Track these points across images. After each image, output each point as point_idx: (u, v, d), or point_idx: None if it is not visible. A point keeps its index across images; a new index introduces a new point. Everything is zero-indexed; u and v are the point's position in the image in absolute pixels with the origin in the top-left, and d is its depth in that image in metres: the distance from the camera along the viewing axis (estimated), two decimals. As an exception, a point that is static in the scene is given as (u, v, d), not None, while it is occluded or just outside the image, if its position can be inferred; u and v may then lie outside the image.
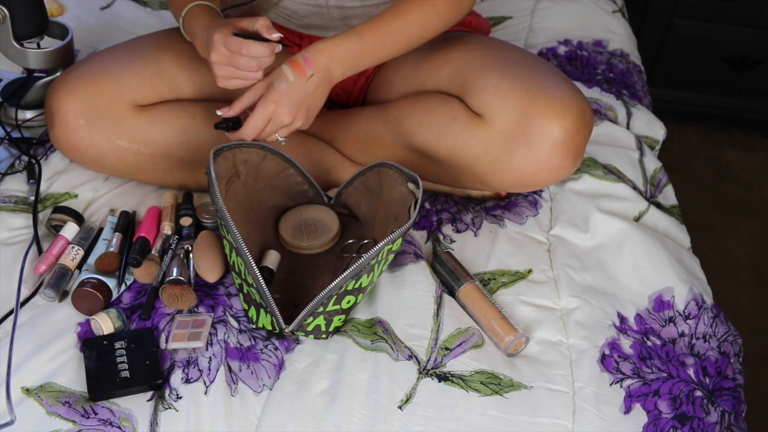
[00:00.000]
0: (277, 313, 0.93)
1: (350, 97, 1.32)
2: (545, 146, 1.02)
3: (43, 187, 1.15)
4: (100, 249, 1.06)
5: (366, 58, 1.05)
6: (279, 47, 1.00)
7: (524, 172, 1.05)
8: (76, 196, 1.15)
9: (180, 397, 0.89)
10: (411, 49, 1.09)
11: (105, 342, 0.94)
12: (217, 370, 0.91)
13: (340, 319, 0.97)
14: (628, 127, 1.35)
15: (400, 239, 0.95)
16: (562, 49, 1.55)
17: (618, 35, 1.62)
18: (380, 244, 0.91)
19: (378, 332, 0.95)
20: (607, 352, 0.97)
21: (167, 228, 1.07)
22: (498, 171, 1.06)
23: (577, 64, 1.51)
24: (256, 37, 1.00)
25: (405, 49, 1.08)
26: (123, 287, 1.02)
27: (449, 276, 1.03)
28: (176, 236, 1.07)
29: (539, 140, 1.02)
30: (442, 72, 1.14)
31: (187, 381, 0.90)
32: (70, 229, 1.07)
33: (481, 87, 1.06)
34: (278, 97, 1.00)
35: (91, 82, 1.08)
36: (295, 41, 1.26)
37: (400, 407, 0.89)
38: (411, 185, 1.00)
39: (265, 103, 1.01)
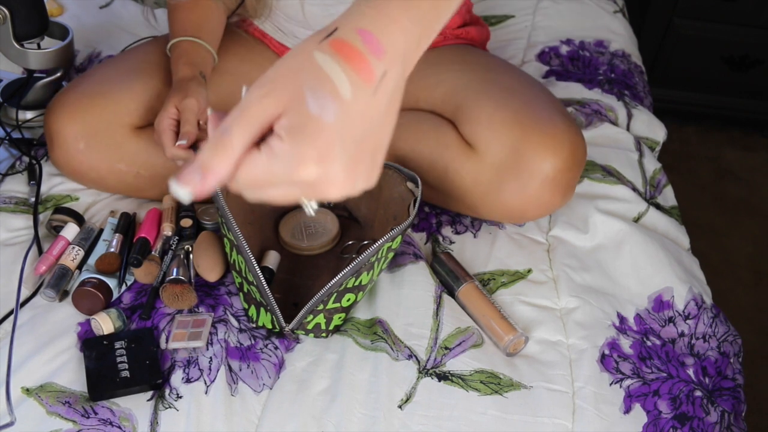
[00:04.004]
0: (278, 310, 0.93)
1: None
2: (535, 183, 1.02)
3: (43, 189, 1.15)
4: (100, 250, 1.06)
5: (434, 24, 0.58)
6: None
7: (513, 208, 1.05)
8: (77, 198, 1.15)
9: (180, 397, 0.89)
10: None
11: (105, 342, 0.94)
12: (218, 370, 0.91)
13: (340, 318, 0.97)
14: (628, 128, 1.35)
15: (400, 237, 0.95)
16: (564, 49, 1.55)
17: (619, 35, 1.62)
18: (380, 241, 0.91)
19: (378, 332, 0.95)
20: (606, 352, 0.97)
21: (167, 229, 1.08)
22: (487, 204, 1.06)
23: (578, 64, 1.51)
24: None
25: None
26: (123, 287, 1.02)
27: (449, 276, 1.03)
28: (176, 237, 1.07)
29: (529, 177, 1.01)
30: (436, 92, 1.12)
31: (188, 380, 0.90)
32: (71, 230, 1.07)
33: (474, 117, 1.05)
34: (320, 143, 0.48)
35: (89, 106, 1.08)
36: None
37: (400, 407, 0.89)
38: (410, 184, 1.01)
39: (287, 160, 0.48)
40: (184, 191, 0.48)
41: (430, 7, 0.52)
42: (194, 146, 1.02)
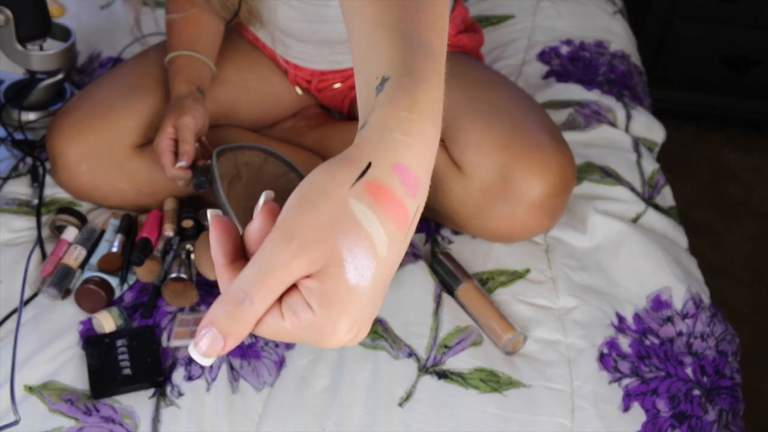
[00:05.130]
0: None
1: (342, 110, 1.31)
2: (522, 208, 1.02)
3: (47, 194, 1.15)
4: (102, 250, 1.06)
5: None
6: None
7: (500, 230, 1.05)
8: (80, 205, 1.15)
9: (182, 394, 0.89)
10: None
11: (107, 340, 0.94)
12: (219, 368, 0.91)
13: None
14: (627, 129, 1.35)
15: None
16: (564, 49, 1.55)
17: (619, 36, 1.63)
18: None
19: (378, 331, 0.96)
20: (605, 351, 0.98)
21: (169, 230, 1.08)
22: (474, 225, 1.07)
23: (578, 64, 1.52)
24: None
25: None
26: (125, 286, 1.03)
27: (448, 276, 1.04)
28: (178, 237, 1.07)
29: (516, 202, 1.01)
30: None
31: (189, 378, 0.91)
32: (73, 233, 1.08)
33: (463, 139, 1.04)
34: (355, 312, 0.43)
35: (90, 127, 1.09)
36: (280, 64, 1.24)
37: (400, 405, 0.90)
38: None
39: (316, 331, 0.43)
40: (206, 360, 0.42)
41: (441, 93, 0.48)
42: (194, 165, 1.03)
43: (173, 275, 0.99)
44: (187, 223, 1.08)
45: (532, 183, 1.00)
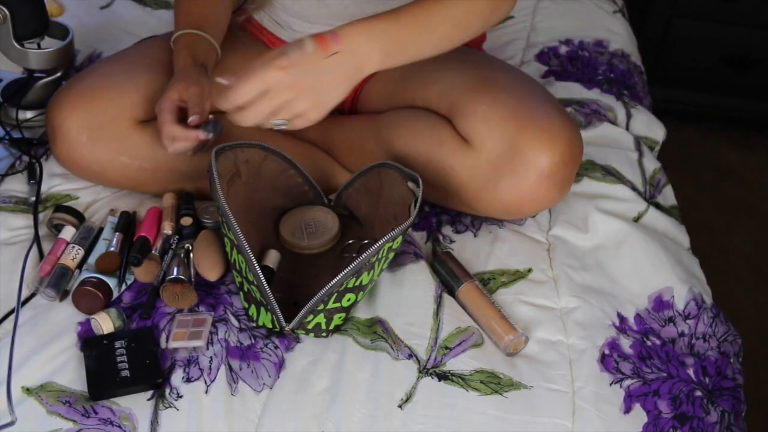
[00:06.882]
0: (278, 310, 0.93)
1: (344, 105, 1.30)
2: (531, 178, 1.01)
3: (43, 188, 1.15)
4: (100, 249, 1.06)
5: (408, 44, 0.96)
6: (203, 135, 0.99)
7: (509, 203, 1.05)
8: (77, 198, 1.15)
9: (181, 396, 0.89)
10: (446, 49, 1.01)
11: (105, 341, 0.94)
12: (218, 369, 0.91)
13: (340, 317, 0.97)
14: (627, 128, 1.35)
15: (401, 237, 0.95)
16: (563, 49, 1.55)
17: (619, 35, 1.63)
18: (381, 241, 0.91)
19: (378, 331, 0.95)
20: (606, 351, 0.97)
21: (167, 228, 1.08)
22: (483, 199, 1.06)
23: (578, 64, 1.51)
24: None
25: (444, 42, 1.00)
26: (123, 287, 1.02)
27: (449, 276, 1.03)
28: (177, 236, 1.07)
29: (525, 172, 1.01)
30: (431, 90, 1.12)
31: (188, 380, 0.90)
32: (71, 232, 1.07)
33: (471, 113, 1.05)
34: (285, 63, 0.88)
35: (92, 98, 1.07)
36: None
37: (400, 406, 0.89)
38: (411, 184, 1.01)
39: (265, 68, 0.88)
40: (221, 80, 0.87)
41: (392, 38, 0.93)
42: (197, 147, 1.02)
43: (172, 276, 0.99)
44: (186, 221, 1.08)
45: (541, 153, 1.00)
